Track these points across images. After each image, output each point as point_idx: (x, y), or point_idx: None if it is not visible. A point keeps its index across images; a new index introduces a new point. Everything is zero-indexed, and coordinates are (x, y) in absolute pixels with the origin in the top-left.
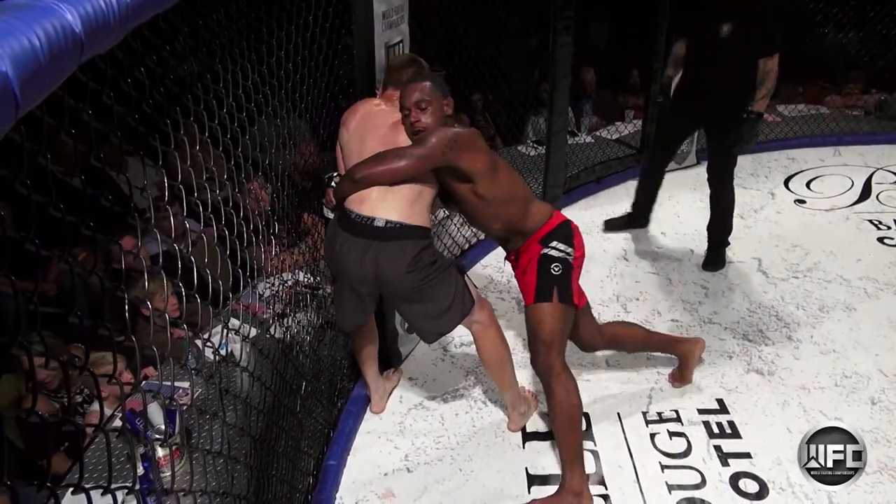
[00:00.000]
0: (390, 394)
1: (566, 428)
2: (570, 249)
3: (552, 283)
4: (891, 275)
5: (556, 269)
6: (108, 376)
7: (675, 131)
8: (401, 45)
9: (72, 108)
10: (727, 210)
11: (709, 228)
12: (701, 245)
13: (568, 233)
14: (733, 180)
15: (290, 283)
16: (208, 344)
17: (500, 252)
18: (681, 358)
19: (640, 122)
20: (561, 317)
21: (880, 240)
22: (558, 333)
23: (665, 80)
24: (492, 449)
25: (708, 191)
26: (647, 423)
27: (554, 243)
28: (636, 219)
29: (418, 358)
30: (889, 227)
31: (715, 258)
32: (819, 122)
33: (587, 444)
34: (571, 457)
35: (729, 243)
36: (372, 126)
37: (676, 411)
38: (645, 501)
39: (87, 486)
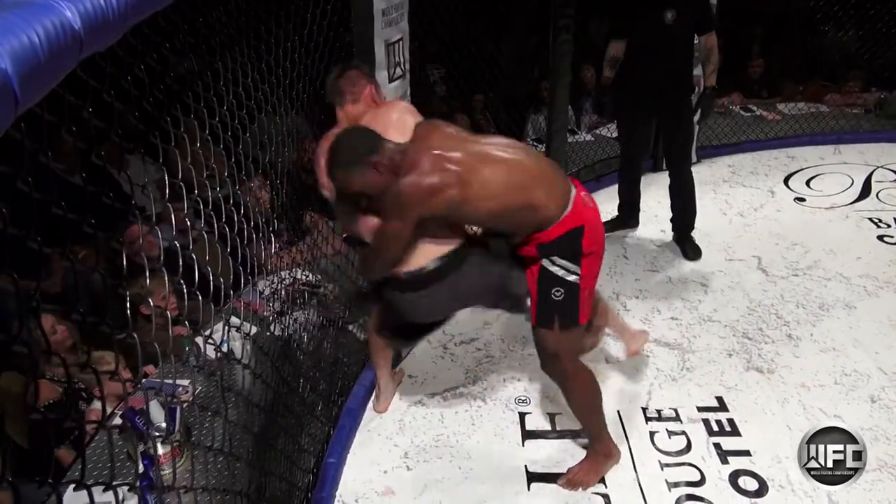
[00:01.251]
0: (394, 393)
1: (589, 414)
2: (575, 268)
3: (552, 310)
4: (890, 273)
5: (558, 295)
6: (111, 373)
7: (635, 124)
8: (400, 42)
9: (72, 106)
10: (692, 193)
11: (675, 218)
12: (702, 243)
13: (576, 247)
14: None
15: (289, 281)
16: (209, 341)
17: None
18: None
19: None
20: (564, 341)
21: (880, 238)
22: (564, 349)
23: (604, 82)
24: (491, 447)
25: (707, 189)
26: (647, 420)
27: (555, 258)
28: (625, 220)
29: (418, 356)
30: (889, 226)
31: (692, 244)
32: (819, 121)
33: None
34: (597, 431)
35: (693, 227)
36: None
37: (676, 409)
38: (645, 499)
39: (88, 483)
